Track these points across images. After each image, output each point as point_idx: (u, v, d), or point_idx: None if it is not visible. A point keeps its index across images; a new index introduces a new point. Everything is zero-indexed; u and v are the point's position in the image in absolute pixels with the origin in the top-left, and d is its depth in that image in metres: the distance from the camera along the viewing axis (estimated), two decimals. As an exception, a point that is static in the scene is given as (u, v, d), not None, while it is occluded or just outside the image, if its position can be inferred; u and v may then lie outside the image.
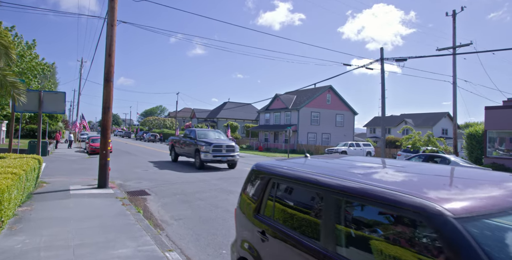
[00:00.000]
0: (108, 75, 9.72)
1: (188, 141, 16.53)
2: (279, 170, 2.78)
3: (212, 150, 14.79)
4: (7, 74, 6.98)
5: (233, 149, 15.49)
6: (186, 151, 16.91)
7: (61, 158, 19.91)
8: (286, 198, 2.65)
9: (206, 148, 14.86)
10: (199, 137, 16.04)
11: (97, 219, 6.17)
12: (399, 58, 15.62)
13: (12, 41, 19.24)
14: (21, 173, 5.96)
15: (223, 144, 15.27)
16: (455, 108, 21.80)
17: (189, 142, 16.48)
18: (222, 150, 15.11)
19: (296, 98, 43.08)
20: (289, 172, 2.62)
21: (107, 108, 9.72)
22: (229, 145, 15.42)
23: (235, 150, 15.58)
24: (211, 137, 16.62)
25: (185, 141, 17.05)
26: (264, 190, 2.85)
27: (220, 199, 8.65)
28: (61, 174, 12.47)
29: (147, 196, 9.04)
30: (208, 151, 14.77)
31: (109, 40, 9.81)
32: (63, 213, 6.45)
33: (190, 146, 16.28)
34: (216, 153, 14.90)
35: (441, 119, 55.74)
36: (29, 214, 6.22)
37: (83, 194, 8.50)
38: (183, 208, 7.56)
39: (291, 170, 2.63)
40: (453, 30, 21.57)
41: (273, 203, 2.73)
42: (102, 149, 9.57)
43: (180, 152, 17.91)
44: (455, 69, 21.51)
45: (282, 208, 2.62)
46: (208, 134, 17.08)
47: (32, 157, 8.72)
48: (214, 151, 14.84)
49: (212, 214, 7.01)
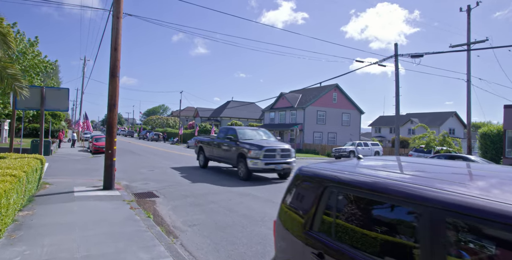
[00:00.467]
0: (113, 70, 9.19)
1: (226, 143, 13.03)
2: (341, 176, 2.20)
3: (263, 155, 11.29)
4: (7, 65, 6.45)
5: (289, 154, 12.02)
6: (223, 156, 13.41)
7: (65, 158, 19.45)
8: (355, 213, 2.07)
9: (255, 152, 11.32)
10: (242, 138, 12.59)
11: (105, 225, 5.64)
12: (415, 54, 15.00)
13: (15, 38, 18.81)
14: (21, 175, 5.43)
15: (277, 148, 11.77)
16: (469, 106, 21.12)
17: (227, 145, 12.97)
18: (276, 155, 11.63)
19: (302, 97, 42.48)
20: (361, 179, 2.04)
21: (113, 105, 9.19)
22: (284, 149, 11.95)
23: (291, 155, 12.11)
24: (256, 137, 13.10)
25: (221, 143, 13.51)
26: (318, 201, 2.29)
27: (234, 202, 8.09)
28: (65, 174, 11.97)
29: (155, 198, 8.50)
30: (258, 157, 11.26)
31: (115, 33, 9.27)
32: (67, 218, 5.92)
33: (229, 149, 12.75)
34: (268, 160, 11.37)
35: (448, 118, 54.98)
36: (30, 220, 5.69)
37: (88, 197, 7.97)
38: (196, 212, 7.01)
39: (363, 177, 2.05)
40: (467, 26, 20.90)
41: (332, 219, 2.16)
42: (107, 149, 9.04)
43: (212, 156, 14.35)
44: (470, 67, 20.84)
45: (348, 226, 2.05)
46: (251, 133, 13.40)
47: (34, 157, 8.20)
48: (266, 156, 11.35)
49: (228, 219, 6.46)
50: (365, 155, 2.87)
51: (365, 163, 2.58)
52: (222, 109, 63.89)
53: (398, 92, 16.43)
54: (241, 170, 11.91)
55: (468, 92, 21.17)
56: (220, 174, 13.38)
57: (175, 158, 21.55)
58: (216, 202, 7.99)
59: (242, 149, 11.88)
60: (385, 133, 66.53)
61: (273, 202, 8.09)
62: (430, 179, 1.88)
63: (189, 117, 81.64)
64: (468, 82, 21.17)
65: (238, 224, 6.14)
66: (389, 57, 16.66)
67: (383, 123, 68.54)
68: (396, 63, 16.25)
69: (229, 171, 14.42)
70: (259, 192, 9.54)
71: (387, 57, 16.66)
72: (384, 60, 16.71)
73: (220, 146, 13.59)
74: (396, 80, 16.38)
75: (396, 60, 16.23)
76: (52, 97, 9.61)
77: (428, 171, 2.33)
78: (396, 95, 16.40)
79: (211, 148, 14.44)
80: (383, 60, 16.73)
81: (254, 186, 10.55)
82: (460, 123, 57.10)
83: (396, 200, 1.75)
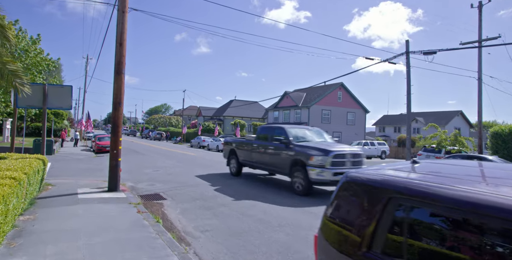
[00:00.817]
0: (119, 67, 8.79)
1: (273, 146, 10.23)
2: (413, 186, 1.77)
3: (331, 163, 8.65)
4: (7, 61, 6.06)
5: (361, 160, 9.41)
6: (267, 162, 10.48)
7: (67, 157, 19.11)
8: (439, 234, 1.65)
9: (319, 159, 8.70)
10: (295, 140, 9.81)
11: (111, 231, 5.24)
12: (427, 51, 14.54)
13: (16, 35, 18.47)
14: (22, 178, 5.04)
15: (347, 153, 9.14)
16: (480, 105, 20.63)
17: (275, 148, 10.15)
18: (346, 162, 8.99)
19: (306, 96, 42.02)
20: (448, 193, 1.61)
21: (118, 103, 8.79)
22: (356, 154, 9.36)
23: (363, 162, 9.49)
24: (312, 138, 10.32)
25: (264, 146, 10.69)
26: (380, 215, 1.87)
27: (246, 205, 7.68)
28: (68, 175, 11.61)
29: (163, 200, 8.11)
30: (323, 165, 8.62)
31: (120, 28, 8.87)
32: (71, 224, 5.53)
33: (278, 154, 9.97)
34: (337, 168, 8.67)
35: (453, 117, 54.38)
36: (31, 225, 5.30)
37: (92, 199, 7.58)
38: (207, 216, 6.61)
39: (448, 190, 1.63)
40: (479, 23, 20.37)
41: (403, 238, 1.75)
42: (112, 149, 8.64)
43: (249, 162, 11.50)
44: (481, 64, 20.33)
45: (429, 248, 1.63)
46: (304, 133, 10.56)
47: (36, 157, 7.82)
48: (334, 164, 8.70)
49: (242, 225, 6.05)
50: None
51: (429, 169, 2.16)
52: (225, 108, 63.50)
53: (409, 90, 15.96)
54: (297, 182, 9.21)
55: (479, 90, 20.67)
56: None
57: (179, 157, 21.17)
58: (227, 205, 7.58)
59: (298, 155, 9.15)
60: (389, 132, 66.00)
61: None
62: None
63: (191, 116, 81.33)
64: (479, 80, 20.67)
65: (254, 230, 5.73)
66: (400, 55, 16.20)
67: (387, 122, 68.01)
68: (408, 60, 15.78)
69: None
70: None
71: (398, 54, 16.20)
72: (395, 57, 16.25)
73: (263, 149, 10.70)
74: (408, 78, 15.90)
75: (408, 57, 15.76)
76: (54, 95, 9.23)
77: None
78: (408, 93, 15.94)
79: (247, 151, 11.60)
80: (394, 57, 16.27)
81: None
82: (466, 122, 56.48)
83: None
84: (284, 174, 9.90)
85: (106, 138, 24.97)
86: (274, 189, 10.06)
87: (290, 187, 9.75)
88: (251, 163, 11.50)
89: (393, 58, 16.35)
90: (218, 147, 31.65)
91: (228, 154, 13.14)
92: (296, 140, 9.89)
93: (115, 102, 8.76)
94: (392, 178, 1.95)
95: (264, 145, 10.83)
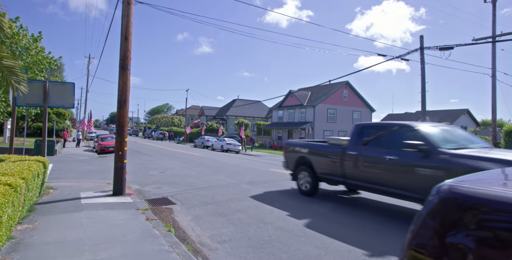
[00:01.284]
0: (124, 62, 8.22)
1: (401, 156, 6.41)
2: None
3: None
4: (2, 56, 5.50)
5: None
6: (391, 182, 6.52)
7: (70, 158, 18.60)
8: None
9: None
10: (443, 144, 6.11)
11: (119, 243, 4.67)
12: (443, 47, 13.90)
13: (17, 32, 17.96)
14: (19, 184, 4.48)
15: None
16: (494, 102, 19.99)
17: (405, 159, 6.33)
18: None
19: (311, 95, 41.42)
20: None
21: (124, 101, 8.22)
22: None
23: None
24: (459, 141, 6.59)
25: (380, 156, 6.81)
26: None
27: (263, 210, 7.10)
28: (70, 177, 11.07)
29: (172, 205, 7.55)
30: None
31: (125, 21, 8.31)
32: (74, 234, 4.97)
33: (413, 169, 6.13)
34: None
35: (460, 116, 53.65)
36: (30, 236, 4.75)
37: (97, 204, 7.02)
38: (222, 224, 6.04)
39: None
40: (492, 18, 19.75)
41: None
42: (118, 150, 8.08)
43: (345, 178, 7.65)
44: (495, 61, 19.70)
45: None
46: (450, 134, 6.86)
47: (36, 159, 7.26)
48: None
49: (263, 234, 5.47)
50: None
51: None
52: (228, 108, 62.99)
53: (424, 87, 15.34)
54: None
55: (493, 87, 20.04)
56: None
57: (184, 157, 20.63)
58: (244, 211, 7.00)
59: (457, 169, 5.37)
60: (394, 131, 65.09)
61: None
62: None
63: (194, 116, 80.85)
64: (493, 77, 20.03)
65: (277, 240, 5.15)
66: (413, 51, 15.58)
67: (391, 121, 67.12)
68: (422, 56, 15.15)
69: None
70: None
71: (411, 51, 15.57)
72: (408, 54, 15.63)
73: (374, 161, 6.97)
74: (422, 75, 15.27)
75: (422, 53, 15.13)
76: (56, 92, 8.67)
77: None
78: (422, 90, 15.31)
79: (337, 162, 7.77)
80: (407, 54, 15.65)
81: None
82: (472, 121, 55.74)
83: None
84: (414, 199, 6.12)
85: (109, 138, 24.49)
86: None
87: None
88: (344, 180, 7.66)
89: (407, 54, 15.73)
90: (222, 147, 31.14)
91: (294, 163, 9.31)
92: (444, 145, 6.10)
93: (120, 99, 8.19)
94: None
95: (377, 155, 6.91)
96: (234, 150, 30.76)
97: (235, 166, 16.81)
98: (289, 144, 10.06)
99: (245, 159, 22.68)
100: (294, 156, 9.43)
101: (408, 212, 7.26)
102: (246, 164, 17.94)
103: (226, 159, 21.13)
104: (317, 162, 8.56)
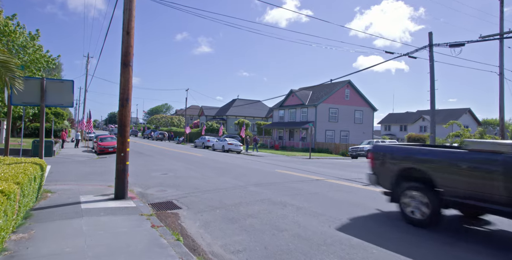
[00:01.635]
0: (126, 58, 7.78)
1: None
2: None
3: None
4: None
5: None
6: None
7: (68, 159, 18.13)
8: None
9: None
10: None
11: (123, 254, 4.23)
12: (454, 43, 13.48)
13: (14, 30, 17.47)
14: (12, 190, 4.03)
15: None
16: (502, 101, 19.59)
17: None
18: None
19: (312, 94, 41.03)
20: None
21: (126, 99, 7.77)
22: None
23: None
24: None
25: None
26: None
27: (275, 215, 6.66)
28: (69, 179, 10.62)
29: (177, 210, 7.11)
30: None
31: (127, 15, 7.87)
32: (73, 244, 4.52)
33: None
34: None
35: (461, 115, 53.37)
36: (25, 248, 4.30)
37: (98, 209, 6.57)
38: (234, 231, 5.60)
39: None
40: (500, 14, 19.36)
41: None
42: (120, 151, 7.63)
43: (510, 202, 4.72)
44: (502, 58, 19.30)
45: None
46: None
47: (32, 161, 6.80)
48: None
49: (280, 242, 5.03)
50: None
51: None
52: (228, 108, 62.58)
53: (433, 86, 14.92)
54: None
55: (501, 85, 19.64)
56: None
57: (186, 158, 20.18)
58: (255, 216, 6.56)
59: None
60: (395, 130, 65.02)
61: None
62: None
63: (193, 116, 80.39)
64: (501, 75, 19.63)
65: (296, 250, 4.71)
66: (422, 48, 15.16)
67: (392, 120, 67.02)
68: (431, 53, 14.74)
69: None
70: None
71: (420, 48, 15.16)
72: (417, 51, 15.21)
73: None
74: (431, 72, 14.87)
75: (431, 50, 14.73)
76: (54, 90, 8.21)
77: None
78: (431, 88, 14.89)
79: (492, 179, 5.01)
80: (416, 51, 15.23)
81: None
82: (474, 120, 55.49)
83: None
84: None
85: (109, 138, 24.05)
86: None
87: None
88: (506, 209, 4.86)
89: (415, 51, 15.32)
90: (223, 148, 30.72)
91: (394, 178, 6.58)
92: None
93: (122, 98, 7.74)
94: None
95: None
96: (235, 150, 30.33)
97: (239, 167, 16.37)
98: (382, 149, 7.04)
99: (247, 159, 22.25)
100: (394, 167, 6.61)
101: None
102: (250, 165, 17.51)
103: (228, 160, 20.69)
104: (445, 179, 5.68)
